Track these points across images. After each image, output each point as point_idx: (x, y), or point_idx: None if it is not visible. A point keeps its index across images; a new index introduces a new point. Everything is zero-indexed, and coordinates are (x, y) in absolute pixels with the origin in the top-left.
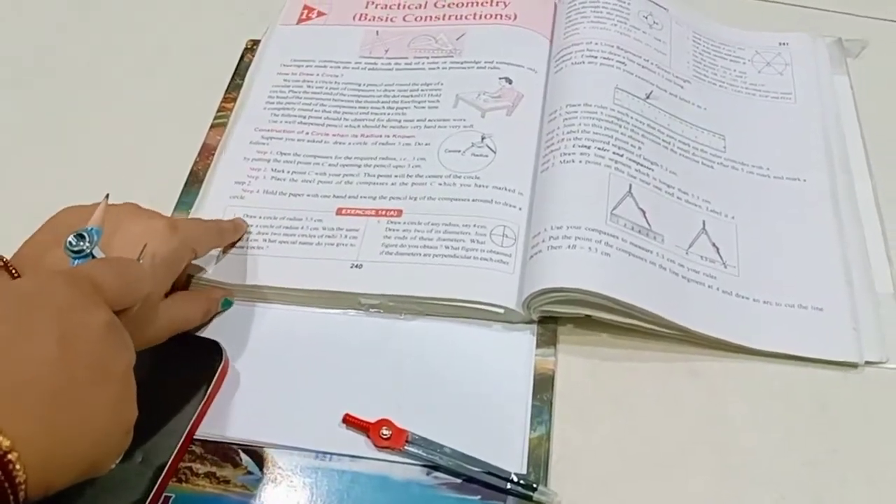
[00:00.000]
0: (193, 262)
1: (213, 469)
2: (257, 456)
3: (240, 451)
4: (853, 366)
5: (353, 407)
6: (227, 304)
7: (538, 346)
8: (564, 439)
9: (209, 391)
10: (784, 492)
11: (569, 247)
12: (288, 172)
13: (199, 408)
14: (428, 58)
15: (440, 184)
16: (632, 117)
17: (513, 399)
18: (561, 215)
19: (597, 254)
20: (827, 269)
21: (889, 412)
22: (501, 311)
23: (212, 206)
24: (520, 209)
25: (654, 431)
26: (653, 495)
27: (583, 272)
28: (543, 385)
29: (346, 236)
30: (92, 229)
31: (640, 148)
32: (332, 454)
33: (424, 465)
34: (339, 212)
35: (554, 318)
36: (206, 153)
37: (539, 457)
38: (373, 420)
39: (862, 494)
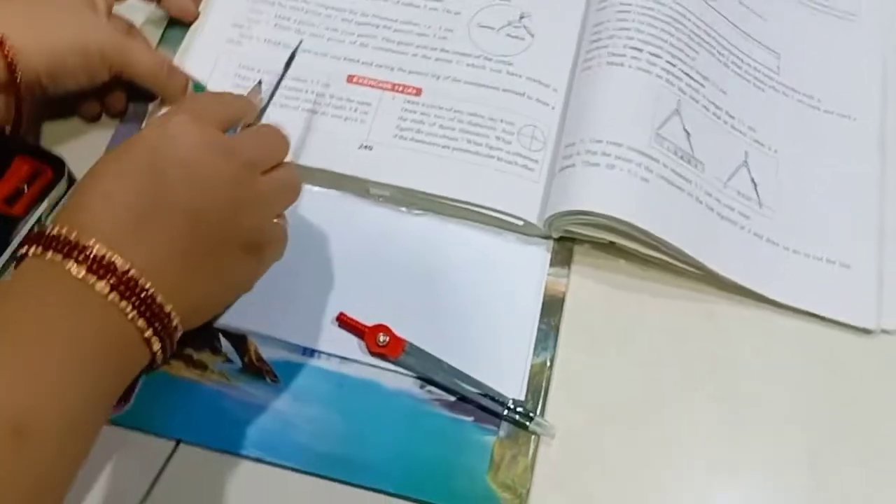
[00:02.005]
0: None
1: (190, 351)
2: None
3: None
4: (868, 332)
5: (349, 305)
6: (200, 91)
7: (551, 264)
8: (567, 366)
9: None
10: (778, 445)
11: (607, 166)
12: (294, 21)
13: None
14: None
15: (467, 64)
16: (690, 20)
17: (519, 319)
18: (602, 128)
19: (636, 178)
20: (862, 223)
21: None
22: (521, 223)
23: (202, 49)
24: (552, 108)
25: (659, 369)
26: (649, 433)
27: (619, 198)
28: (552, 308)
29: (356, 109)
30: None
31: (693, 59)
32: (321, 352)
33: (418, 378)
34: (349, 79)
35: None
36: None
37: (539, 384)
38: (369, 324)
39: (855, 458)
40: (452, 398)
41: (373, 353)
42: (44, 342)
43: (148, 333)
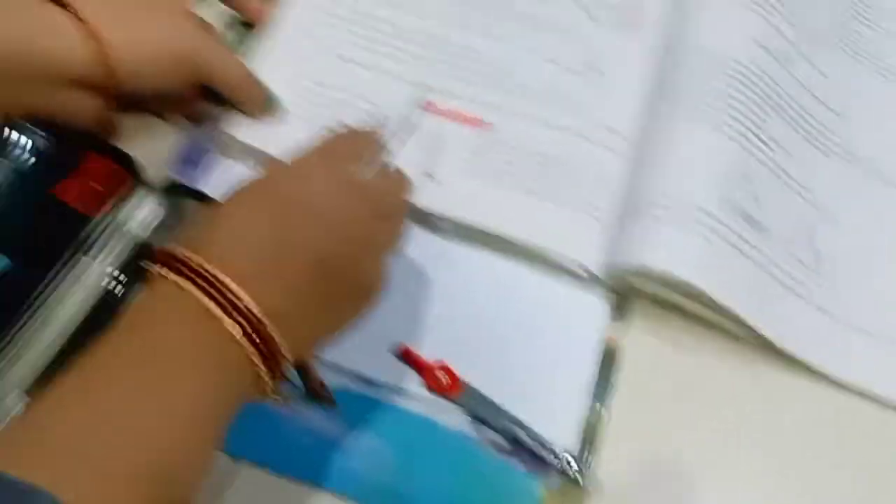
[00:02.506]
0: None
1: None
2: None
3: None
4: None
5: (410, 337)
6: (274, 105)
7: (611, 314)
8: (620, 420)
9: None
10: None
11: (674, 224)
12: (367, 39)
13: None
14: None
15: (536, 100)
16: (765, 81)
17: (575, 368)
18: (672, 184)
19: (702, 239)
20: None
21: None
22: (582, 271)
23: (273, 60)
24: (621, 156)
25: (711, 431)
26: (697, 496)
27: (684, 259)
28: (609, 359)
29: (423, 137)
30: None
31: (766, 121)
32: (380, 384)
33: (473, 419)
34: (417, 104)
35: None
36: None
37: (592, 436)
38: (429, 359)
39: None
40: (506, 443)
41: (431, 391)
42: (177, 377)
43: (265, 374)
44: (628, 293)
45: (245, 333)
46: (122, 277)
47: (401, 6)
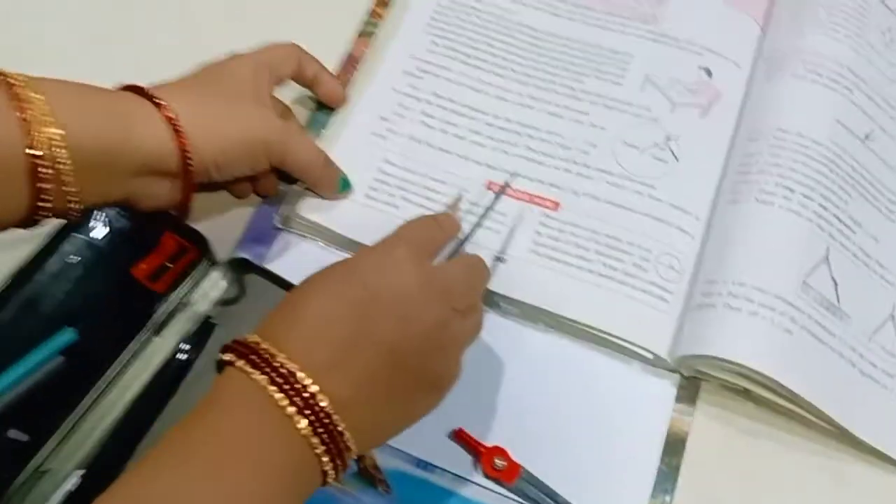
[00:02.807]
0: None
1: None
2: None
3: None
4: None
5: (466, 419)
6: (346, 186)
7: (677, 399)
8: None
9: None
10: None
11: (749, 312)
12: (439, 120)
13: None
14: (621, 17)
15: (608, 182)
16: (846, 161)
17: (640, 456)
18: (746, 270)
19: (779, 329)
20: None
21: None
22: (650, 356)
23: (349, 139)
24: (693, 238)
25: None
26: None
27: (760, 349)
28: (675, 447)
29: (492, 218)
30: None
31: (846, 202)
32: (434, 467)
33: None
34: (489, 186)
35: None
36: (350, 66)
37: None
38: (486, 443)
39: None
40: None
41: (487, 476)
42: (237, 467)
43: (328, 467)
44: (697, 379)
45: (313, 429)
46: (184, 349)
47: (479, 90)
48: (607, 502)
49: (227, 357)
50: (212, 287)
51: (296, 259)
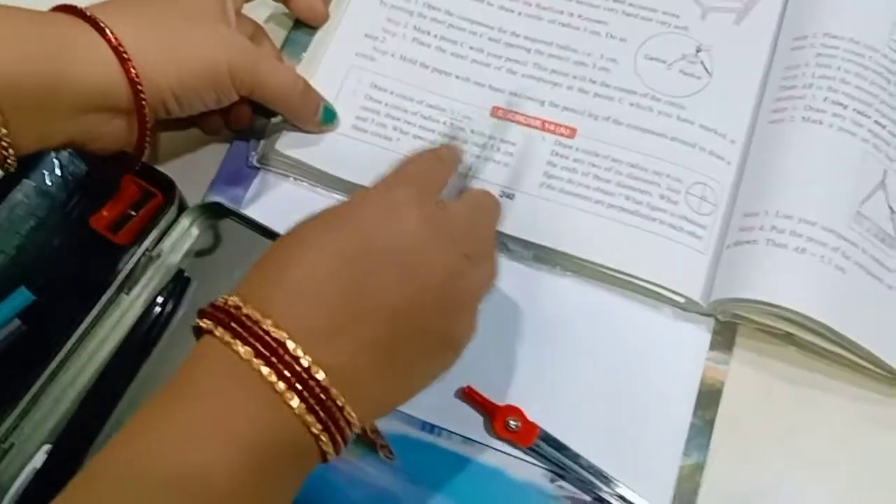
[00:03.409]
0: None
1: None
2: None
3: None
4: None
5: (477, 377)
6: (330, 117)
7: (711, 346)
8: (720, 471)
9: None
10: None
11: (796, 249)
12: (435, 36)
13: None
14: None
15: (631, 104)
16: None
17: (670, 411)
18: (792, 200)
19: (830, 267)
20: None
21: None
22: (681, 299)
23: (331, 62)
24: (728, 164)
25: (825, 481)
26: None
27: (810, 291)
28: (709, 400)
29: (498, 149)
30: None
31: None
32: (442, 429)
33: (549, 471)
34: (494, 112)
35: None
36: None
37: (688, 490)
38: (499, 402)
39: None
40: (587, 498)
41: (500, 438)
42: (220, 450)
43: (328, 446)
44: (733, 324)
45: (308, 407)
46: (157, 305)
47: None
48: (635, 464)
49: (205, 324)
50: (182, 236)
51: (277, 202)
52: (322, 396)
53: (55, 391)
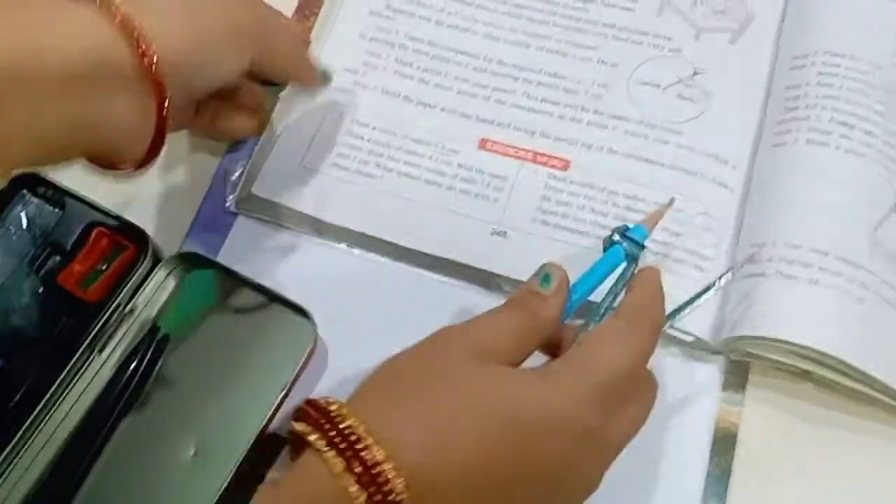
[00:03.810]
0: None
1: None
2: None
3: None
4: None
5: None
6: (328, 77)
7: (722, 387)
8: None
9: (292, 379)
10: None
11: (809, 281)
12: (418, 69)
13: (278, 398)
14: None
15: (626, 132)
16: None
17: (684, 460)
18: (802, 229)
19: (848, 300)
20: None
21: None
22: (689, 338)
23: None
24: (731, 191)
25: None
26: None
27: (827, 326)
28: (724, 444)
29: (488, 184)
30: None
31: None
32: None
33: None
34: (482, 144)
35: None
36: (302, 11)
37: None
38: None
39: None
40: None
41: None
42: None
43: None
44: (745, 361)
45: None
46: (131, 366)
47: (463, 28)
48: None
49: (309, 436)
50: (157, 289)
51: (259, 249)
52: None
53: (24, 461)
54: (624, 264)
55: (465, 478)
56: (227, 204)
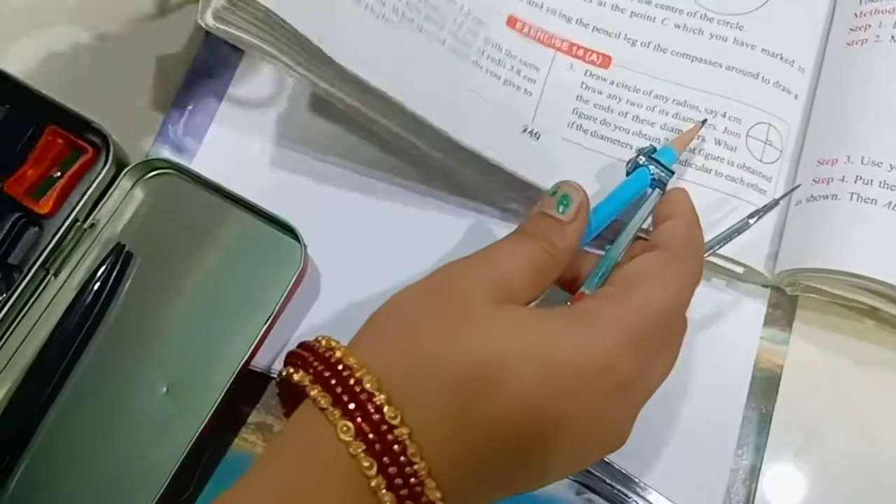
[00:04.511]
0: None
1: (271, 420)
2: None
3: None
4: None
5: None
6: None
7: (766, 323)
8: (781, 474)
9: (277, 306)
10: None
11: (888, 205)
12: None
13: (262, 329)
14: None
15: (677, 25)
16: None
17: (719, 405)
18: (881, 142)
19: None
20: None
21: None
22: (740, 269)
23: None
24: (796, 98)
25: None
26: None
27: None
28: (766, 388)
29: (518, 71)
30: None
31: None
32: None
33: (578, 482)
34: (510, 22)
35: None
36: None
37: (740, 501)
38: None
39: None
40: None
41: None
42: None
43: None
44: (796, 294)
45: None
46: (93, 288)
47: None
48: (678, 470)
49: (318, 399)
50: (122, 201)
51: (238, 156)
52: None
53: None
54: (649, 190)
55: (493, 441)
56: (198, 18)
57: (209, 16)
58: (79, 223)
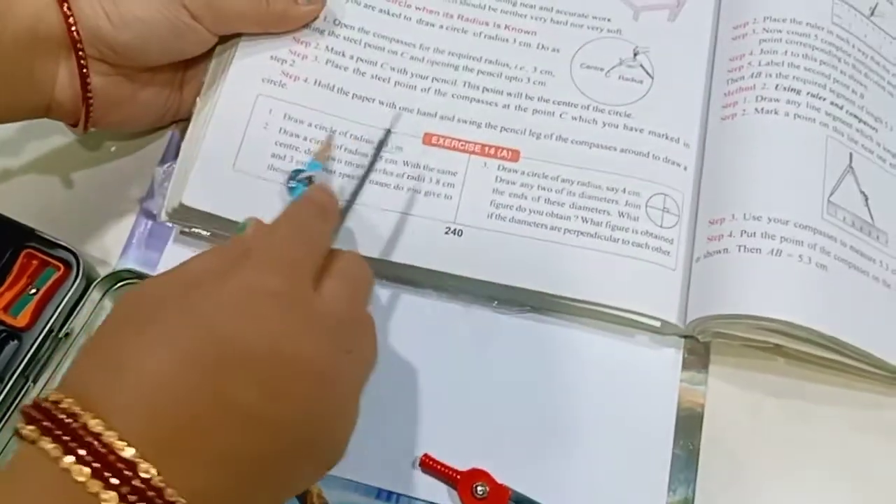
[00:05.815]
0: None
1: None
2: None
3: None
4: None
5: (435, 440)
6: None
7: (684, 367)
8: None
9: None
10: None
11: (771, 252)
12: (351, 57)
13: None
14: None
15: (574, 118)
16: (854, 46)
17: (649, 446)
18: (759, 199)
19: (811, 266)
20: None
21: None
22: (656, 323)
23: (234, 90)
24: (685, 169)
25: None
26: None
27: (793, 296)
28: (689, 426)
29: (437, 181)
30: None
31: (862, 95)
32: (401, 496)
33: None
34: (426, 139)
35: None
36: None
37: None
38: (463, 467)
39: None
40: None
41: None
42: None
43: None
44: (708, 340)
45: None
46: None
47: (395, 14)
48: None
49: (24, 429)
50: (94, 311)
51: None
52: None
53: None
54: None
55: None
56: (157, 216)
57: (163, 215)
58: (54, 333)
